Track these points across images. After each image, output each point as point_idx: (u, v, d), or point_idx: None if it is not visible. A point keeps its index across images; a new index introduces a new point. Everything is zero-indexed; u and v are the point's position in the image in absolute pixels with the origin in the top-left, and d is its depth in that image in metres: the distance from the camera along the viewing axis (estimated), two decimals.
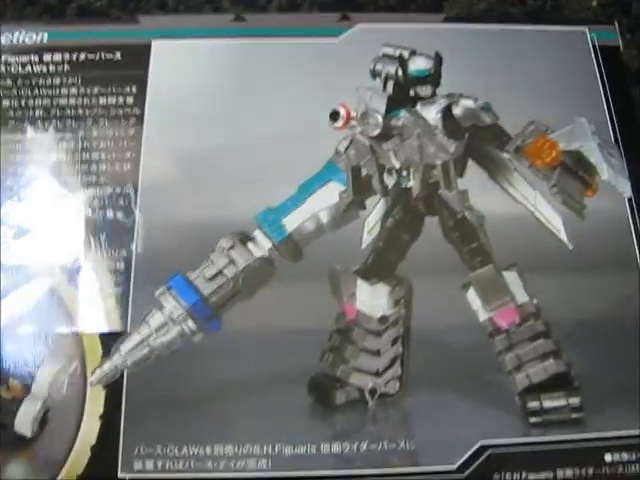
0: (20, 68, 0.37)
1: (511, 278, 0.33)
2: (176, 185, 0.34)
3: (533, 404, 0.32)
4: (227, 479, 0.31)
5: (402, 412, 0.32)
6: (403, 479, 0.31)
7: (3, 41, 0.36)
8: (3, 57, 0.37)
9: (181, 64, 0.36)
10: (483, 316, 0.33)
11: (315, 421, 0.32)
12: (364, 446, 0.32)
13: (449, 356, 0.32)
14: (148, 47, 0.36)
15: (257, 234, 0.33)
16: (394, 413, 0.32)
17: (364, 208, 0.34)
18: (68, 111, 0.36)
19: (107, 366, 0.32)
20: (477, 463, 0.31)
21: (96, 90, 0.36)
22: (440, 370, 0.32)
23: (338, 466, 0.31)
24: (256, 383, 0.32)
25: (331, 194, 0.33)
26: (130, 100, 0.35)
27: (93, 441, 0.31)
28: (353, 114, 0.33)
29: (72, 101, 0.36)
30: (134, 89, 0.36)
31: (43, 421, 0.31)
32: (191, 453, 0.31)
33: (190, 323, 0.32)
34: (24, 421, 0.31)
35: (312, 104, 0.34)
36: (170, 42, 0.36)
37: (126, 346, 0.32)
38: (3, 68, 0.37)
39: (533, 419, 0.32)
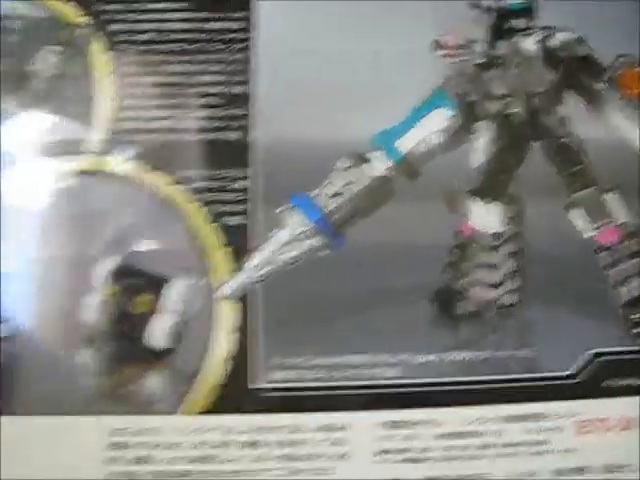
0: None
1: (612, 200, 0.35)
2: (291, 107, 0.34)
3: (635, 316, 0.35)
4: (357, 386, 0.32)
5: (520, 322, 0.34)
6: (521, 384, 0.33)
7: None
8: None
9: None
10: (587, 234, 0.35)
11: (439, 331, 0.33)
12: (485, 354, 0.33)
13: (560, 270, 0.34)
14: None
15: (374, 155, 0.34)
16: (512, 323, 0.34)
17: (473, 132, 0.35)
18: (177, 35, 0.36)
19: (235, 281, 0.32)
20: (588, 369, 0.33)
21: (203, 15, 0.36)
22: (552, 284, 0.34)
23: (462, 373, 0.32)
24: (381, 296, 0.33)
25: (441, 119, 0.35)
26: (238, 25, 0.36)
27: (225, 353, 0.31)
28: (458, 42, 0.35)
29: (180, 25, 0.36)
30: (241, 14, 0.36)
31: (176, 334, 0.31)
32: (322, 364, 0.32)
33: (316, 239, 0.33)
34: (158, 335, 0.31)
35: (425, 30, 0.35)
36: None
37: (252, 262, 0.33)
38: None
39: (636, 330, 0.35)
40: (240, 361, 0.32)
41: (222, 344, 0.32)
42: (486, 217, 0.35)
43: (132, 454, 0.31)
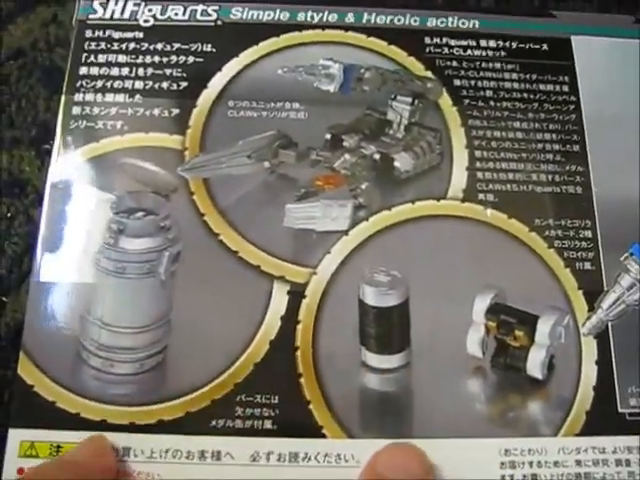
0: (461, 51, 0.41)
1: None
2: (624, 164, 0.39)
3: None
4: None
5: None
6: None
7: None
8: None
9: (597, 59, 0.42)
10: None
11: None
12: None
13: None
14: (568, 41, 0.42)
15: None
16: None
17: None
18: (514, 94, 0.40)
19: (594, 319, 0.37)
20: None
21: (534, 77, 0.41)
22: None
23: None
24: None
25: None
26: (565, 88, 0.41)
27: (593, 382, 0.36)
28: None
29: (516, 85, 0.40)
30: (566, 78, 0.41)
31: (550, 366, 0.36)
32: None
33: None
34: (534, 366, 0.36)
35: None
36: (586, 38, 0.42)
37: (606, 303, 0.37)
38: (446, 50, 0.40)
39: None
40: (608, 389, 0.36)
41: (590, 374, 0.37)
42: None
43: (521, 472, 0.35)
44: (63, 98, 0.37)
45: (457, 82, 0.38)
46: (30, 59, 0.44)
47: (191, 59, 0.38)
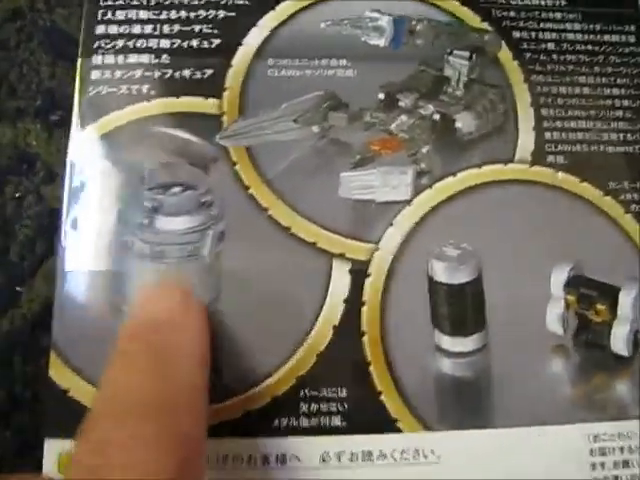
0: (518, 0, 0.37)
1: None
2: None
3: None
4: None
5: None
6: None
7: None
8: None
9: None
10: None
11: None
12: None
13: None
14: None
15: None
16: None
17: None
18: (577, 46, 0.37)
19: None
20: None
21: (598, 27, 0.37)
22: None
23: None
24: None
25: None
26: (632, 39, 0.37)
27: None
28: None
29: (578, 36, 0.37)
30: (632, 28, 0.37)
31: (635, 342, 0.33)
32: None
33: None
34: (619, 341, 0.33)
35: None
36: None
37: None
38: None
39: None
40: None
41: None
42: None
43: (612, 459, 0.32)
44: (79, 61, 0.33)
45: (516, 34, 0.35)
46: (29, 21, 0.39)
47: (222, 13, 0.33)
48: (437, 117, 0.33)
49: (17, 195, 0.37)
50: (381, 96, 0.33)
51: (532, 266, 0.32)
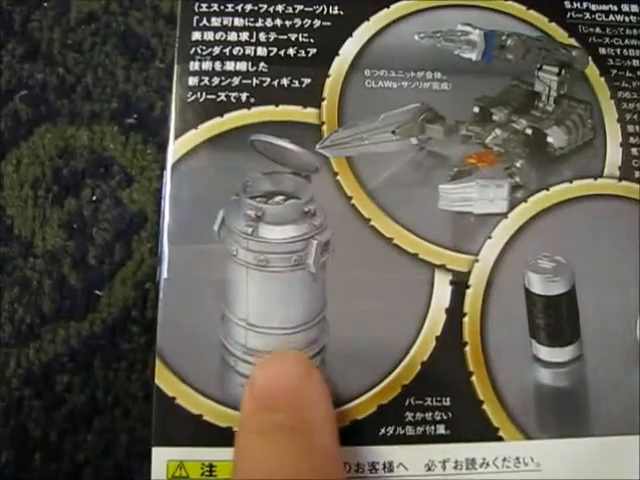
0: (604, 17, 0.38)
1: None
2: None
3: None
4: None
5: None
6: None
7: None
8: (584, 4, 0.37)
9: None
10: None
11: None
12: None
13: None
14: None
15: None
16: None
17: None
18: None
19: None
20: None
21: None
22: None
23: None
24: None
25: None
26: None
27: None
28: None
29: None
30: None
31: None
32: None
33: None
34: None
35: None
36: None
37: None
38: (588, 15, 0.37)
39: None
40: None
41: None
42: None
43: None
44: (176, 67, 0.33)
45: (602, 50, 0.35)
46: (103, 23, 0.39)
47: (317, 23, 0.34)
48: (529, 132, 0.34)
49: (94, 199, 0.37)
50: (476, 110, 0.34)
51: (622, 278, 0.32)
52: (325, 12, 0.34)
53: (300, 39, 0.34)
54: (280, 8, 0.34)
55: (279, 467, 0.24)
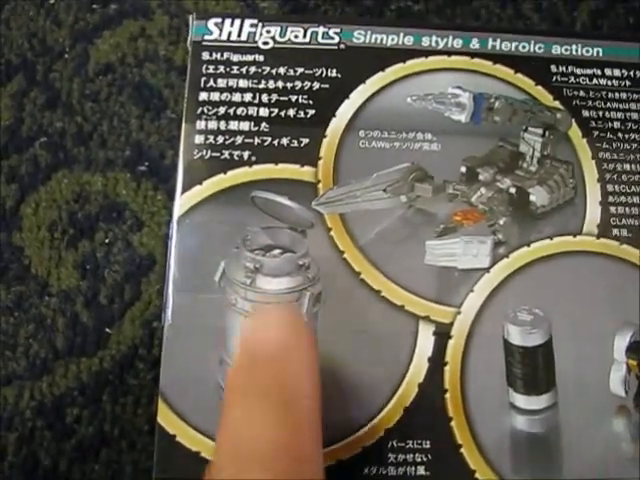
0: (587, 80, 0.40)
1: None
2: None
3: None
4: None
5: None
6: None
7: None
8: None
9: None
10: None
11: None
12: None
13: None
14: None
15: None
16: None
17: None
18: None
19: None
20: None
21: None
22: None
23: None
24: None
25: None
26: None
27: None
28: None
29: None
30: None
31: None
32: None
33: None
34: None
35: None
36: None
37: None
38: (572, 79, 0.40)
39: None
40: None
41: None
42: None
43: None
44: (184, 126, 0.35)
45: (585, 113, 0.38)
46: (119, 75, 0.42)
47: (316, 85, 0.36)
48: (513, 191, 0.36)
49: (107, 241, 0.40)
50: (463, 170, 0.36)
51: (597, 331, 0.35)
52: (324, 75, 0.37)
53: (300, 100, 0.36)
54: (282, 70, 0.37)
55: (258, 436, 0.25)
